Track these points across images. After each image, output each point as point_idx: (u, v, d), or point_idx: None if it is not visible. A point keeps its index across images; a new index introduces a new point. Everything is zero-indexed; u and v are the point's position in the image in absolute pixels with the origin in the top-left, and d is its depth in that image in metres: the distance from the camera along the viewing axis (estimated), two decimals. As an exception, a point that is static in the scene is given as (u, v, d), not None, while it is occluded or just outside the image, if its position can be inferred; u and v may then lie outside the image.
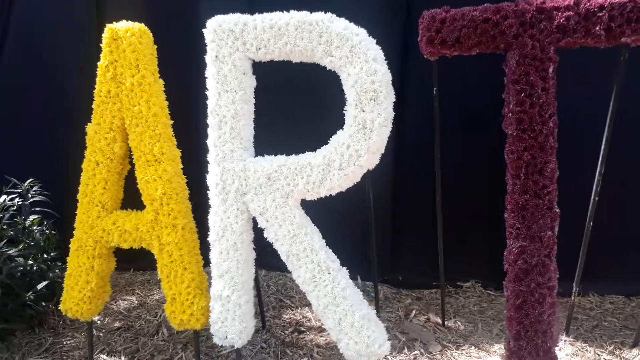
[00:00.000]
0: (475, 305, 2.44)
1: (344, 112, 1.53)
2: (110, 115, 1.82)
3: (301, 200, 1.63)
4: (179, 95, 2.04)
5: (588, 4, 1.34)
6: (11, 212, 2.40)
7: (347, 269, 1.63)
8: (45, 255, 2.44)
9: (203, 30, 1.66)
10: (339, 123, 1.55)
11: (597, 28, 1.33)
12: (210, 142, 1.67)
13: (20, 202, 2.44)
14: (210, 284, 1.77)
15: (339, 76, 1.54)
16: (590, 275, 2.45)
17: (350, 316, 1.55)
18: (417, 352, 2.00)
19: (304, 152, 1.61)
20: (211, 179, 1.68)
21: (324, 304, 1.58)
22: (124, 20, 1.80)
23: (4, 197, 2.46)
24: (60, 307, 1.93)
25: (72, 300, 1.89)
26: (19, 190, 2.47)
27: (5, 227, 2.42)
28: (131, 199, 1.95)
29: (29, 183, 2.47)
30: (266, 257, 2.36)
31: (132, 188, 1.85)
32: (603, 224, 2.38)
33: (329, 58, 1.52)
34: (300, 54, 1.58)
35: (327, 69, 1.57)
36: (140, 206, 1.84)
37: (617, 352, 1.97)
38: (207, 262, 1.79)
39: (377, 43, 1.50)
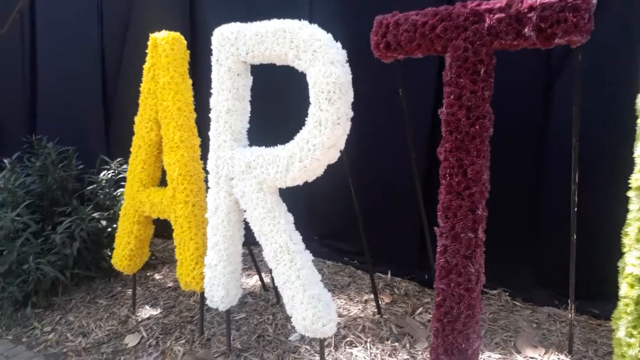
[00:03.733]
0: (491, 314, 2.36)
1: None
2: (149, 109, 2.22)
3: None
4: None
5: (519, 5, 1.28)
6: (102, 185, 3.00)
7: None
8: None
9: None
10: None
11: (527, 29, 1.27)
12: (210, 133, 1.96)
13: (110, 176, 3.03)
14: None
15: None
16: None
17: (301, 294, 1.71)
18: (399, 344, 2.06)
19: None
20: (209, 164, 1.97)
21: (282, 281, 1.77)
22: (164, 30, 2.19)
23: (104, 172, 3.09)
24: (111, 260, 2.42)
25: (117, 257, 2.36)
26: (112, 167, 3.07)
27: (102, 196, 3.04)
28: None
29: (117, 162, 3.05)
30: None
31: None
32: None
33: (297, 61, 1.69)
34: (278, 57, 1.77)
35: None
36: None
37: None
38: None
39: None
